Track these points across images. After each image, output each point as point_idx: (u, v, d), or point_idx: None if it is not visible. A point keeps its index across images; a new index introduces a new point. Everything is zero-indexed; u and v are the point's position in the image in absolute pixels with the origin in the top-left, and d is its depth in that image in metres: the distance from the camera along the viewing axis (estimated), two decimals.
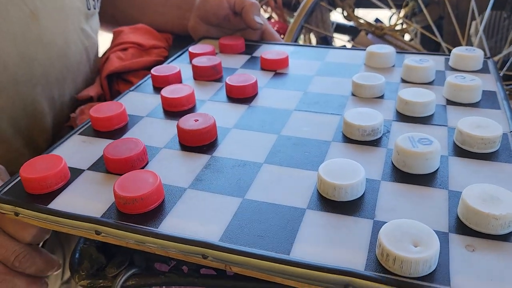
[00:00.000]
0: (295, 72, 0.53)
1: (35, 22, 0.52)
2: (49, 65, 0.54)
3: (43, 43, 0.53)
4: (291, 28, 0.81)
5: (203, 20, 0.64)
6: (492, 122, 0.37)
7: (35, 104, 0.55)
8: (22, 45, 0.51)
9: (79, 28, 0.59)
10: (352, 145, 0.38)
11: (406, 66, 0.49)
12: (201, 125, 0.39)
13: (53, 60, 0.55)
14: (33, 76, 0.53)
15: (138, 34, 0.66)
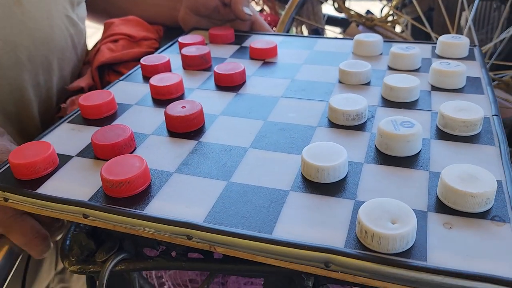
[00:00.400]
0: (284, 61, 0.53)
1: (19, 7, 0.52)
2: (34, 50, 0.54)
3: (27, 28, 0.53)
4: (282, 20, 0.82)
5: (193, 11, 0.64)
6: (474, 106, 0.37)
7: (22, 90, 0.55)
8: (6, 29, 0.51)
9: (64, 15, 0.59)
10: (337, 130, 0.38)
11: (392, 54, 0.49)
12: (188, 111, 0.39)
13: (37, 45, 0.55)
14: (18, 61, 0.53)
15: (129, 25, 0.66)
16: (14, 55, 0.52)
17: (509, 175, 0.31)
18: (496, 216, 0.28)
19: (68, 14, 0.59)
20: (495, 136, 0.36)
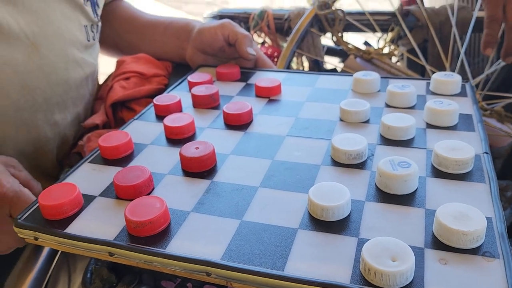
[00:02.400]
0: (288, 98, 0.57)
1: (36, 53, 0.56)
2: (50, 91, 0.58)
3: (44, 72, 0.57)
4: (284, 54, 0.86)
5: (200, 50, 0.68)
6: (465, 145, 0.40)
7: (39, 130, 0.58)
8: (24, 75, 0.55)
9: (79, 57, 0.63)
10: (339, 168, 0.41)
11: (389, 92, 0.53)
12: (202, 152, 0.42)
13: (53, 87, 0.58)
14: (35, 103, 0.57)
15: (140, 63, 0.70)
16: (31, 98, 0.55)
17: (498, 212, 0.34)
18: (487, 252, 0.31)
19: (82, 55, 0.63)
20: (486, 174, 0.39)
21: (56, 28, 0.57)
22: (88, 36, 0.64)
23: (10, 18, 0.52)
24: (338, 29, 0.86)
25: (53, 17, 0.57)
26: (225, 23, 0.65)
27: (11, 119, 0.54)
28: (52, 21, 0.57)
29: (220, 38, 0.65)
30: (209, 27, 0.66)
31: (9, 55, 0.52)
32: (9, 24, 0.52)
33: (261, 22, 0.94)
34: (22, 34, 0.53)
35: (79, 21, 0.62)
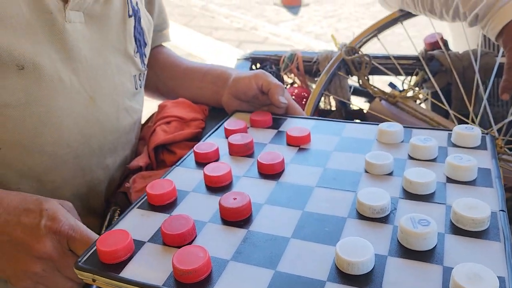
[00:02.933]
0: (317, 147, 0.61)
1: (93, 105, 0.62)
2: (103, 138, 0.65)
3: (98, 121, 0.63)
4: (313, 95, 0.91)
5: (235, 97, 0.74)
6: (482, 204, 0.44)
7: (93, 173, 0.65)
8: (82, 125, 0.61)
9: (128, 106, 0.69)
10: (364, 222, 0.45)
11: (412, 145, 0.57)
12: (239, 203, 0.47)
13: (106, 134, 0.65)
14: (90, 150, 0.63)
15: (179, 107, 0.76)
16: (87, 145, 0.62)
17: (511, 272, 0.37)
18: None
19: (131, 103, 0.69)
20: (501, 232, 0.42)
21: (110, 81, 0.64)
22: (136, 84, 0.71)
23: (73, 75, 0.59)
24: (364, 73, 0.91)
25: (108, 71, 0.64)
26: (259, 74, 0.71)
27: (70, 165, 0.60)
28: (108, 75, 0.64)
29: (254, 87, 0.70)
30: (244, 76, 0.72)
31: (70, 108, 0.59)
32: (71, 81, 0.59)
33: (291, 64, 1.00)
34: (82, 89, 0.60)
35: (129, 72, 0.69)
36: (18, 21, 0.53)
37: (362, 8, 5.57)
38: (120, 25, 0.66)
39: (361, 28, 0.98)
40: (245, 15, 5.32)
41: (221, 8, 5.62)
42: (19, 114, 0.55)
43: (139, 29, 0.71)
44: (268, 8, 5.61)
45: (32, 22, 0.54)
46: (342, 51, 0.93)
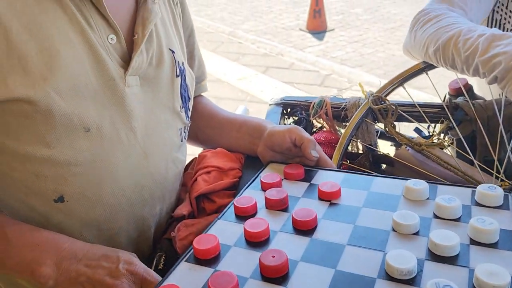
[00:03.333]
0: (347, 202, 0.66)
1: (146, 159, 0.69)
2: (154, 188, 0.71)
3: (150, 172, 0.70)
4: (341, 141, 0.96)
5: (270, 149, 0.80)
6: (502, 271, 0.48)
7: (144, 220, 0.71)
8: (136, 177, 0.68)
9: (175, 157, 0.76)
10: (393, 283, 0.50)
11: (437, 205, 0.61)
12: (278, 261, 0.53)
13: (157, 184, 0.72)
14: (143, 199, 0.70)
15: (218, 157, 0.83)
16: (140, 195, 0.69)
17: None
18: None
19: (177, 155, 0.76)
20: None
21: (160, 136, 0.71)
22: (181, 137, 0.78)
23: (131, 133, 0.66)
24: (390, 121, 0.95)
25: (159, 127, 0.71)
26: (292, 128, 0.77)
27: (125, 213, 0.67)
28: (158, 131, 0.71)
29: (287, 141, 0.76)
30: (279, 130, 0.78)
31: (127, 162, 0.66)
32: (129, 139, 0.66)
33: (320, 110, 1.05)
34: (138, 145, 0.67)
35: (176, 126, 0.76)
36: (87, 89, 0.61)
37: (387, 33, 5.61)
38: (169, 85, 0.74)
39: (386, 53, 1.03)
40: (272, 41, 5.44)
41: (248, 34, 5.76)
42: (84, 170, 0.62)
43: (184, 86, 0.78)
44: (294, 34, 5.71)
45: (98, 89, 0.62)
46: (369, 100, 0.98)
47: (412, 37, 0.98)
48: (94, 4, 0.62)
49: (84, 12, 0.61)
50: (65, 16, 0.59)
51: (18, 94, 0.55)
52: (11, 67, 0.55)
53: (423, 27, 0.94)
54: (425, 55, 0.94)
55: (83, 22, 0.61)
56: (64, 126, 0.59)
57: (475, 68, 0.81)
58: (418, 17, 0.97)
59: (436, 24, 0.91)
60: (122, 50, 0.66)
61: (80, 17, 0.60)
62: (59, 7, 0.59)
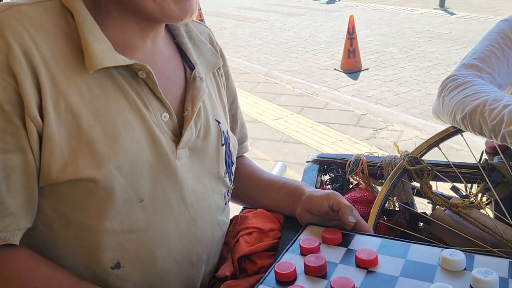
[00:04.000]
0: (384, 271, 0.68)
1: (194, 224, 0.75)
2: (201, 251, 0.77)
3: (198, 237, 0.76)
4: (377, 200, 0.98)
5: (308, 211, 0.84)
6: None
7: (191, 282, 0.76)
8: (185, 241, 0.74)
9: (220, 220, 0.81)
10: None
11: (474, 278, 0.62)
12: None
13: (203, 248, 0.77)
14: (190, 261, 0.75)
15: (259, 218, 0.88)
16: (188, 258, 0.74)
17: None
18: None
19: (222, 218, 0.82)
20: None
21: (207, 202, 0.77)
22: (225, 200, 0.84)
23: (181, 202, 0.72)
24: (426, 181, 0.98)
25: (206, 194, 0.77)
26: (330, 194, 0.81)
27: (175, 276, 0.73)
28: (205, 197, 0.77)
29: (325, 205, 0.80)
30: (317, 195, 0.82)
31: (177, 228, 0.72)
32: (179, 206, 0.72)
33: (356, 168, 1.09)
34: (187, 212, 0.73)
35: (220, 191, 0.82)
36: (143, 164, 0.68)
37: (423, 72, 5.59)
38: (215, 154, 0.80)
39: (422, 92, 1.06)
40: (306, 81, 5.54)
41: (284, 74, 5.90)
42: (139, 237, 0.68)
43: (228, 152, 0.84)
44: (329, 74, 5.80)
45: (153, 163, 0.69)
46: (404, 160, 1.01)
47: (440, 103, 1.01)
48: (151, 89, 0.70)
49: (142, 96, 0.69)
50: (125, 101, 0.67)
51: (86, 174, 0.62)
52: (81, 150, 0.63)
53: (451, 93, 0.97)
54: (453, 121, 0.97)
55: (141, 105, 0.68)
56: (123, 199, 0.66)
57: (502, 137, 0.84)
58: (446, 83, 1.01)
59: (463, 92, 0.94)
60: (174, 125, 0.73)
61: (138, 101, 0.68)
62: (121, 94, 0.67)
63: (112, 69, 0.66)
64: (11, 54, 0.59)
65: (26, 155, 0.62)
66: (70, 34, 0.65)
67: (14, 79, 0.59)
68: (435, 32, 7.63)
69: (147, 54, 0.73)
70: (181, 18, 0.67)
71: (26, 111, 0.60)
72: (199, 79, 0.77)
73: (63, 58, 0.64)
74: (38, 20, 0.63)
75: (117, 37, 0.68)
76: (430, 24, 8.34)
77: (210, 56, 0.83)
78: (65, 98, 0.63)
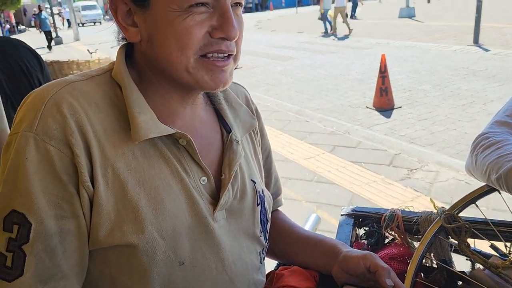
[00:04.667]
0: None
1: (231, 284, 0.77)
2: None
3: None
4: (414, 257, 0.98)
5: (344, 271, 0.84)
6: None
7: None
8: None
9: (256, 279, 0.83)
10: None
11: None
12: None
13: None
14: None
15: (294, 276, 0.89)
16: None
17: None
18: None
19: (258, 277, 0.83)
20: None
21: (243, 262, 0.80)
22: (261, 259, 0.86)
23: (219, 263, 0.75)
24: (464, 240, 0.97)
25: (242, 254, 0.80)
26: (367, 255, 0.81)
27: None
28: (241, 257, 0.79)
29: (362, 266, 0.81)
30: (354, 256, 0.83)
31: None
32: (217, 267, 0.75)
33: (391, 223, 1.09)
34: (224, 272, 0.76)
35: (256, 250, 0.84)
36: (183, 227, 0.71)
37: (458, 110, 5.51)
38: (251, 214, 0.83)
39: (458, 132, 1.05)
40: (338, 119, 5.55)
41: (315, 112, 5.94)
42: None
43: (263, 211, 0.87)
44: (361, 112, 5.80)
45: (192, 226, 0.72)
46: (441, 217, 1.00)
47: (473, 161, 1.01)
48: (190, 154, 0.74)
49: (182, 161, 0.74)
50: (167, 167, 0.72)
51: (131, 240, 0.66)
52: (126, 216, 0.67)
53: (484, 152, 0.97)
54: (488, 180, 0.96)
55: (181, 170, 0.73)
56: (164, 262, 0.69)
57: None
58: (479, 141, 1.01)
59: (496, 152, 0.94)
60: (211, 188, 0.77)
61: (179, 167, 0.73)
62: (163, 161, 0.72)
63: (155, 138, 0.71)
64: (67, 128, 0.65)
65: (79, 221, 0.67)
66: (118, 105, 0.71)
67: (70, 151, 0.65)
68: (470, 69, 7.54)
69: (187, 119, 0.78)
70: (214, 88, 0.72)
71: (80, 180, 0.66)
72: (235, 142, 0.81)
73: (112, 128, 0.70)
74: (91, 95, 0.70)
75: (160, 106, 0.74)
76: (465, 61, 8.26)
77: (246, 117, 0.87)
78: (113, 166, 0.68)
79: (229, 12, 0.68)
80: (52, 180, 0.65)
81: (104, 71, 0.75)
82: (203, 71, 0.70)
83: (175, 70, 0.70)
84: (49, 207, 0.64)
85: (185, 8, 0.66)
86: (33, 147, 0.64)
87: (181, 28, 0.67)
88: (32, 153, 0.64)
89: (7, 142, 0.67)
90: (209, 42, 0.69)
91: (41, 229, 0.64)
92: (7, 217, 0.64)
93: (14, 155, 0.65)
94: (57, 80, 0.71)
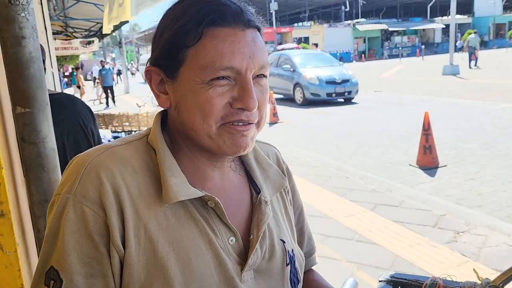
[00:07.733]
0: None
1: None
2: None
3: None
4: None
5: None
6: None
7: None
8: None
9: None
10: None
11: None
12: None
13: None
14: None
15: None
16: None
17: None
18: None
19: None
20: None
21: None
22: None
23: None
24: None
25: None
26: None
27: None
28: None
29: None
30: None
31: None
32: None
33: None
34: None
35: None
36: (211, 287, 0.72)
37: (508, 170, 5.26)
38: (280, 274, 0.83)
39: (509, 193, 1.00)
40: (380, 176, 5.44)
41: (356, 168, 5.86)
42: None
43: (293, 271, 0.86)
44: (403, 169, 5.66)
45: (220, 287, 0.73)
46: None
47: None
48: (218, 216, 0.77)
49: (211, 223, 0.76)
50: (196, 228, 0.75)
51: None
52: (156, 276, 0.69)
53: None
54: None
55: (209, 231, 0.75)
56: None
57: None
58: None
59: None
60: (239, 248, 0.78)
61: (207, 228, 0.75)
62: (192, 222, 0.75)
63: (186, 200, 0.74)
64: (103, 191, 0.70)
65: (107, 280, 0.70)
66: (153, 168, 0.76)
67: (104, 212, 0.70)
68: None
69: (216, 181, 0.81)
70: (235, 152, 0.76)
71: (111, 241, 0.70)
72: (264, 203, 0.83)
73: (146, 190, 0.74)
74: (128, 159, 0.75)
75: (190, 169, 0.79)
76: None
77: (276, 178, 0.89)
78: (145, 227, 0.72)
79: (249, 84, 0.73)
80: (85, 240, 0.69)
81: (142, 136, 0.81)
82: (225, 137, 0.74)
83: (199, 136, 0.75)
84: (80, 266, 0.69)
85: (207, 81, 0.72)
86: (71, 208, 0.69)
87: (204, 99, 0.72)
88: (70, 214, 0.69)
89: (51, 202, 0.73)
90: (230, 112, 0.73)
91: (71, 286, 0.68)
92: (48, 272, 0.70)
93: (55, 215, 0.71)
94: (98, 146, 0.78)
